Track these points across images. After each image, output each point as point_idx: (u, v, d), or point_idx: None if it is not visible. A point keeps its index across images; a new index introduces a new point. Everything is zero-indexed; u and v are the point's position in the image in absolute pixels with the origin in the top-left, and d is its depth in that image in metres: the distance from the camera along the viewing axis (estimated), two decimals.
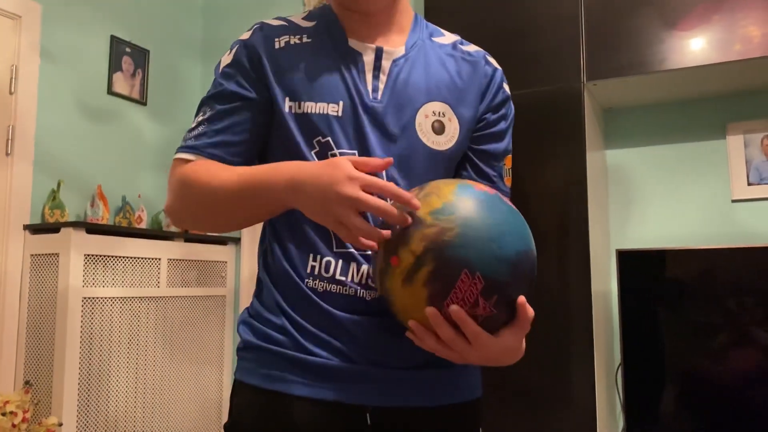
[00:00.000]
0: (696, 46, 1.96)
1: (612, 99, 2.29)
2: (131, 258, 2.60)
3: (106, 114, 2.91)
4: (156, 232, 2.78)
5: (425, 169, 0.94)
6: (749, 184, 2.19)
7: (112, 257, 2.53)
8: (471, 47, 1.05)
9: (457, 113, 0.97)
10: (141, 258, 2.64)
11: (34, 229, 2.52)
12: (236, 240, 3.16)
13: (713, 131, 2.28)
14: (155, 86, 3.15)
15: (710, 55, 1.94)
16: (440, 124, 0.95)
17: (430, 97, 0.95)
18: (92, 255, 2.46)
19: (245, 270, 3.15)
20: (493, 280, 0.75)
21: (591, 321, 1.97)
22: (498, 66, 1.05)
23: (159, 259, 2.72)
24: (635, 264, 2.08)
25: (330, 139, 0.91)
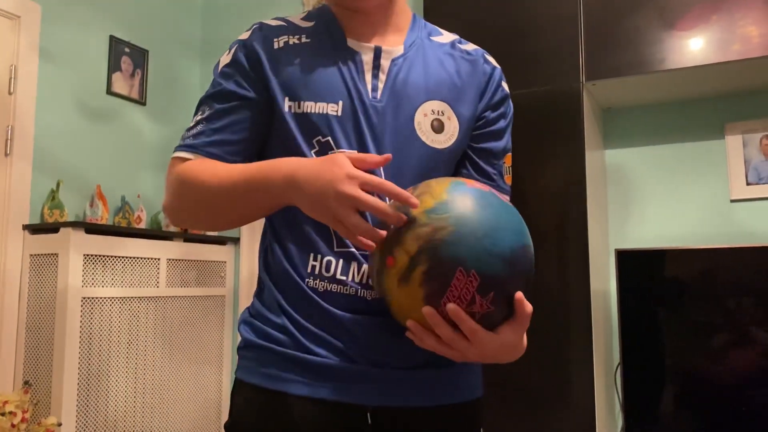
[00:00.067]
0: (695, 46, 1.96)
1: (611, 99, 2.29)
2: (130, 258, 2.60)
3: (106, 114, 2.91)
4: (155, 232, 2.78)
5: (424, 168, 0.94)
6: (748, 184, 2.20)
7: (112, 257, 2.53)
8: (469, 46, 1.05)
9: (457, 112, 0.97)
10: (140, 258, 2.64)
11: (34, 229, 2.52)
12: (235, 240, 3.16)
13: (712, 131, 2.28)
14: (154, 86, 3.15)
15: (709, 55, 1.94)
16: (439, 123, 0.95)
17: (429, 96, 0.96)
18: (91, 255, 2.46)
19: (244, 270, 3.15)
20: (489, 277, 0.75)
21: (590, 321, 1.97)
22: (497, 64, 1.05)
23: (158, 259, 2.72)
24: (634, 264, 2.08)
25: (330, 139, 0.91)
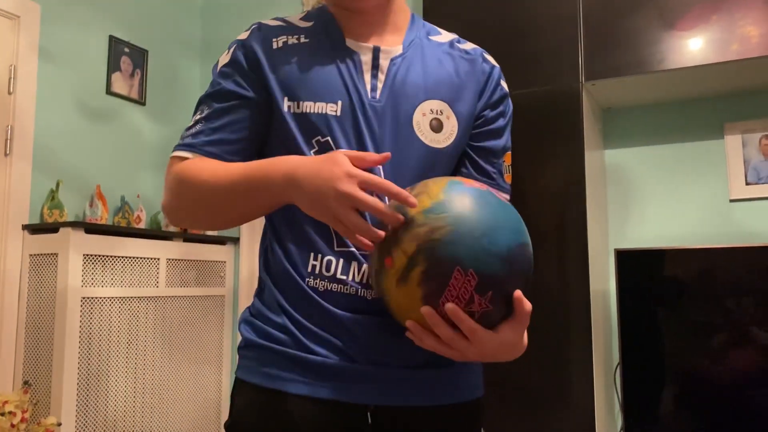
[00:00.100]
0: (694, 46, 1.96)
1: (610, 99, 2.29)
2: (130, 258, 2.60)
3: (105, 114, 2.91)
4: (155, 232, 2.78)
5: (423, 168, 0.94)
6: (747, 184, 2.20)
7: (111, 257, 2.53)
8: (468, 45, 1.05)
9: (456, 111, 0.97)
10: (140, 258, 2.64)
11: (33, 229, 2.52)
12: (235, 240, 3.16)
13: (711, 131, 2.28)
14: (154, 86, 3.15)
15: (708, 55, 1.94)
16: (438, 122, 0.95)
17: (428, 96, 0.96)
18: (91, 255, 2.46)
19: (244, 270, 3.15)
20: (487, 276, 0.75)
21: (590, 321, 1.97)
22: (495, 63, 1.05)
23: (158, 259, 2.72)
24: (634, 263, 2.08)
25: (329, 139, 0.92)
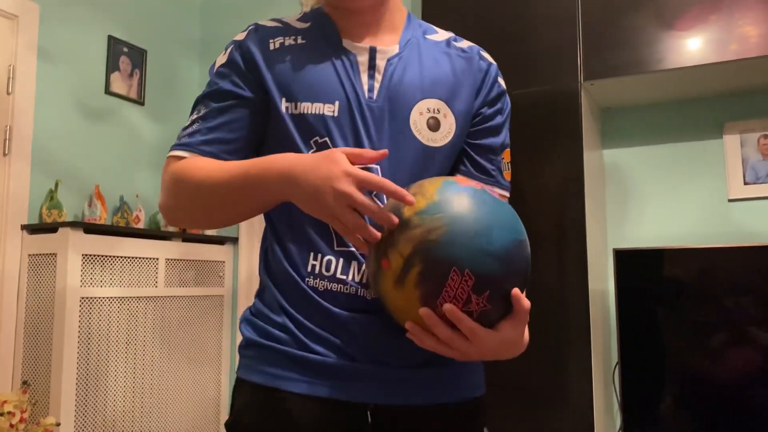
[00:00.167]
0: (693, 46, 1.96)
1: (609, 99, 2.29)
2: (129, 258, 2.60)
3: (104, 114, 2.91)
4: (154, 232, 2.77)
5: (421, 167, 0.94)
6: (746, 184, 2.20)
7: (110, 257, 2.53)
8: (465, 43, 1.05)
9: (453, 109, 0.97)
10: (139, 258, 2.64)
11: (32, 229, 2.52)
12: (234, 240, 3.16)
13: (710, 131, 2.28)
14: (153, 86, 3.15)
15: (707, 55, 1.94)
16: (435, 121, 0.96)
17: (425, 95, 0.96)
18: (90, 255, 2.45)
19: (243, 270, 3.15)
20: (484, 276, 0.75)
21: (588, 320, 1.97)
22: (492, 61, 1.05)
23: (157, 259, 2.72)
24: (632, 263, 2.09)
25: (327, 140, 0.92)
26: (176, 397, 2.80)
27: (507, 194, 1.03)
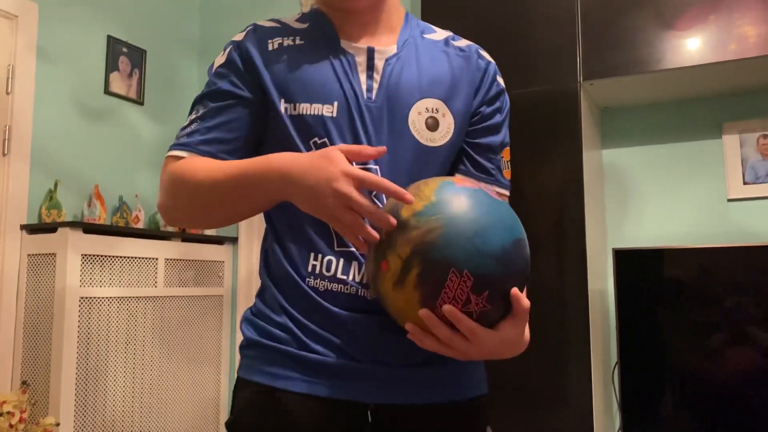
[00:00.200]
0: (692, 46, 1.96)
1: (608, 98, 2.29)
2: (128, 258, 2.60)
3: (103, 114, 2.91)
4: (153, 232, 2.77)
5: (420, 167, 0.94)
6: (745, 183, 2.20)
7: (110, 257, 2.53)
8: (463, 42, 1.05)
9: (451, 108, 0.97)
10: (138, 258, 2.64)
11: (31, 229, 2.51)
12: (233, 240, 3.16)
13: (709, 131, 2.28)
14: (152, 86, 3.15)
15: (706, 55, 1.94)
16: (434, 121, 0.96)
17: (423, 94, 0.96)
18: (89, 255, 2.45)
19: (242, 270, 3.15)
20: (482, 276, 0.75)
21: (588, 320, 1.97)
22: (491, 59, 1.05)
23: (156, 259, 2.72)
24: (632, 263, 2.09)
25: (326, 140, 0.92)
26: (175, 397, 2.80)
27: (507, 193, 1.03)
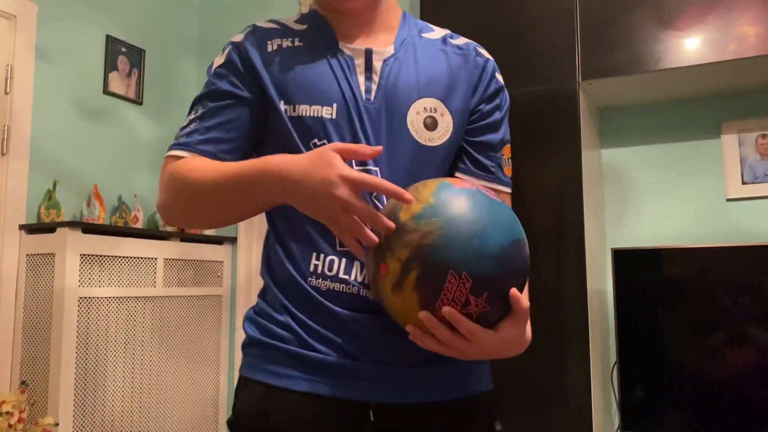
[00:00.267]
0: (691, 46, 1.96)
1: (607, 98, 2.29)
2: (127, 258, 2.60)
3: (102, 114, 2.91)
4: (152, 232, 2.77)
5: (419, 167, 0.94)
6: (744, 183, 2.20)
7: (109, 257, 2.53)
8: (461, 40, 1.05)
9: (450, 107, 0.97)
10: (137, 258, 2.64)
11: (30, 229, 2.51)
12: (233, 240, 3.16)
13: (708, 130, 2.28)
14: (151, 86, 3.15)
15: (705, 55, 1.94)
16: (432, 120, 0.95)
17: (421, 94, 0.96)
18: (88, 255, 2.45)
19: (242, 270, 3.15)
20: (481, 277, 0.75)
21: (587, 320, 1.97)
22: (489, 57, 1.05)
23: (155, 259, 2.72)
24: (630, 263, 2.09)
25: (326, 142, 0.92)
26: (175, 397, 2.80)
27: (508, 190, 1.02)
